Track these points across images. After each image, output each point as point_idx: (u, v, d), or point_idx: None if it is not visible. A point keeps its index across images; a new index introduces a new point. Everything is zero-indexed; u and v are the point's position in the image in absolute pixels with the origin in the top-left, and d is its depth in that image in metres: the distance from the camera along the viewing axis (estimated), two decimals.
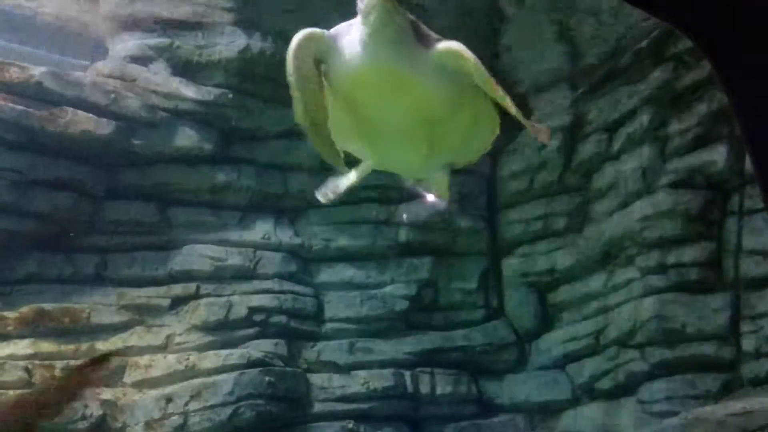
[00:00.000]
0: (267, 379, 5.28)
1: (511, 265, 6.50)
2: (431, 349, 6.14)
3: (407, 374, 5.88)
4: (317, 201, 4.48)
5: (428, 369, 6.01)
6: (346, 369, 5.81)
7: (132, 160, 5.73)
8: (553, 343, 6.16)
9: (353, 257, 6.20)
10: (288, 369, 5.53)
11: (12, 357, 4.87)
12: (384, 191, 6.30)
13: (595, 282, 5.97)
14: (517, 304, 6.44)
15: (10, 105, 5.16)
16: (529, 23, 6.23)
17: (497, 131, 3.56)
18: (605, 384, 5.77)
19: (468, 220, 6.50)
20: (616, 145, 5.92)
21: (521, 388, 6.16)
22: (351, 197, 6.16)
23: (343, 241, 6.17)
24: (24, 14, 6.05)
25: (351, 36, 2.89)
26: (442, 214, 6.35)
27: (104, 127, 5.50)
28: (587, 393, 5.96)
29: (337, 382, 5.70)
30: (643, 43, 5.61)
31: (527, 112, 6.63)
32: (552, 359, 6.16)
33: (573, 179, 6.28)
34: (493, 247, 6.62)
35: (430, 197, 6.61)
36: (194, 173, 5.90)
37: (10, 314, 5.00)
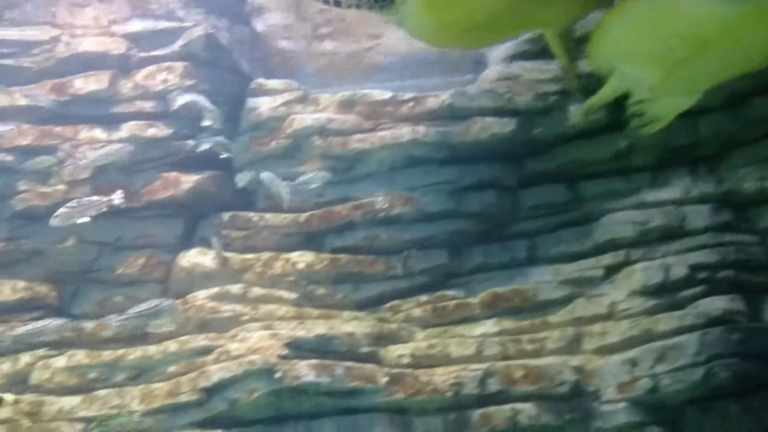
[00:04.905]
0: (734, 336, 4.92)
1: None
2: None
3: None
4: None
5: None
6: None
7: (535, 149, 6.16)
8: None
9: None
10: (755, 325, 5.06)
11: (485, 335, 5.71)
12: None
13: None
14: None
15: (433, 129, 6.16)
16: None
17: None
18: None
19: None
20: None
21: None
22: None
23: None
24: (418, 56, 7.17)
25: None
26: None
27: (507, 126, 6.09)
28: None
29: None
30: None
31: None
32: None
33: None
34: None
35: None
36: (594, 145, 6.00)
37: (474, 300, 5.88)
